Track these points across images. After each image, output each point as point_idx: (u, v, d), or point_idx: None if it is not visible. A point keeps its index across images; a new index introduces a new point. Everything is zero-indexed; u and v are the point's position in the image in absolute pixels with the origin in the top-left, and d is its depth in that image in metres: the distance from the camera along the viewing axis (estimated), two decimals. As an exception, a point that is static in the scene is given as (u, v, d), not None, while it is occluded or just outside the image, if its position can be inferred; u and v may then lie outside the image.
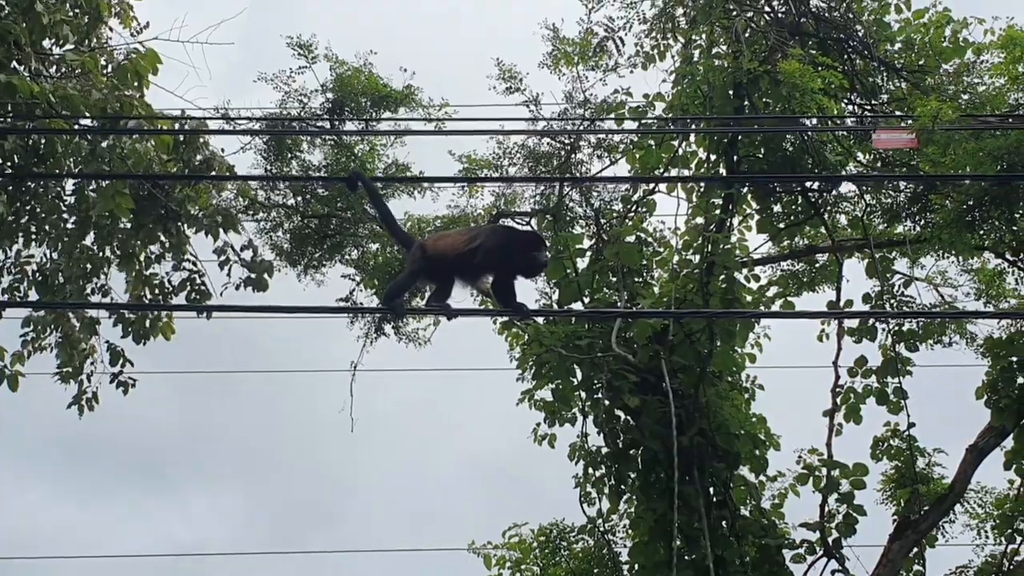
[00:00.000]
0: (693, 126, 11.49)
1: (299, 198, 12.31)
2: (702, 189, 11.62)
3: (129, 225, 9.05)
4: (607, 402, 11.31)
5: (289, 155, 12.06)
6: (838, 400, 11.46)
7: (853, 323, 11.59)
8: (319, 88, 11.95)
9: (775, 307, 12.30)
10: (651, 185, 11.81)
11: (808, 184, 11.69)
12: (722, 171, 11.62)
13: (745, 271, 11.36)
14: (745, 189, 11.73)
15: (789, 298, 12.58)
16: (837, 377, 11.49)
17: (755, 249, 12.17)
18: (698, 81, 11.08)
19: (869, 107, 11.37)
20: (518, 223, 13.03)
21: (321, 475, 21.61)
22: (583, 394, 11.51)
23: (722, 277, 10.90)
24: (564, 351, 11.13)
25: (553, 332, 11.28)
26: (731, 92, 11.12)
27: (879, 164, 11.32)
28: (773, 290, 12.68)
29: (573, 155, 12.36)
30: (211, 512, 22.71)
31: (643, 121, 11.73)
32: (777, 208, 11.99)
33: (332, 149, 12.21)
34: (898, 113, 10.07)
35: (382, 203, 7.48)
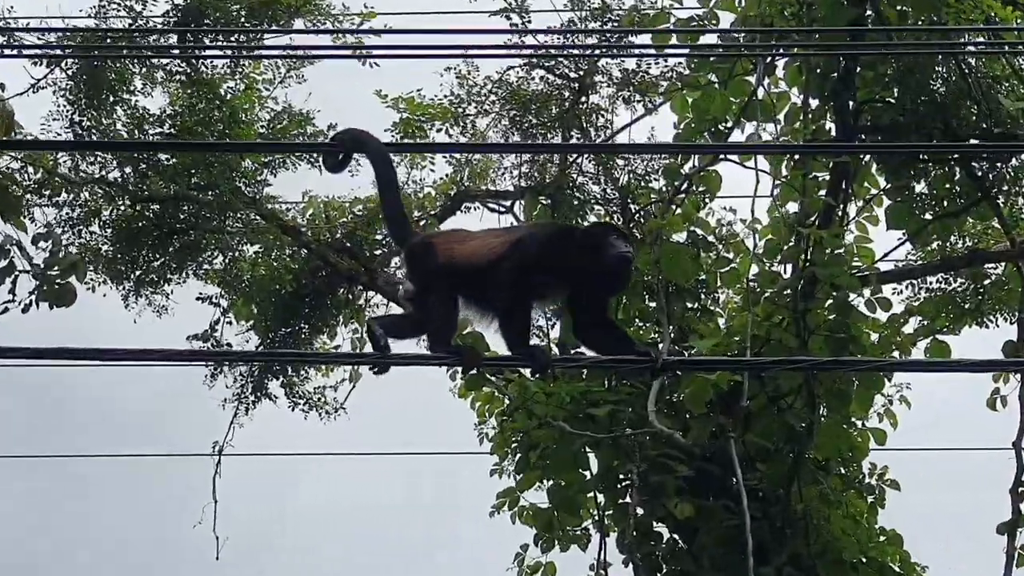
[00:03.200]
0: (782, 50, 11.44)
1: (128, 169, 12.30)
2: (796, 155, 11.64)
3: None
4: (640, 510, 11.35)
5: (111, 97, 12.08)
6: (1022, 507, 11.49)
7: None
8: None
9: (918, 352, 12.25)
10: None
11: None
12: (830, 127, 11.65)
13: (868, 291, 11.30)
14: (868, 156, 11.74)
15: (940, 336, 12.43)
16: (1021, 468, 11.48)
17: (884, 255, 12.25)
18: (790, -24, 11.04)
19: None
20: (495, 209, 13.17)
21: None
22: (600, 497, 11.62)
23: (829, 302, 10.93)
24: (569, 426, 11.16)
25: (551, 394, 11.28)
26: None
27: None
28: (914, 322, 12.67)
29: (584, 97, 12.43)
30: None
31: (699, 42, 11.78)
32: (921, 187, 11.97)
33: (183, 87, 12.25)
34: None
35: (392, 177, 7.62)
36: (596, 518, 11.67)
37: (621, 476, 11.48)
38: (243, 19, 11.88)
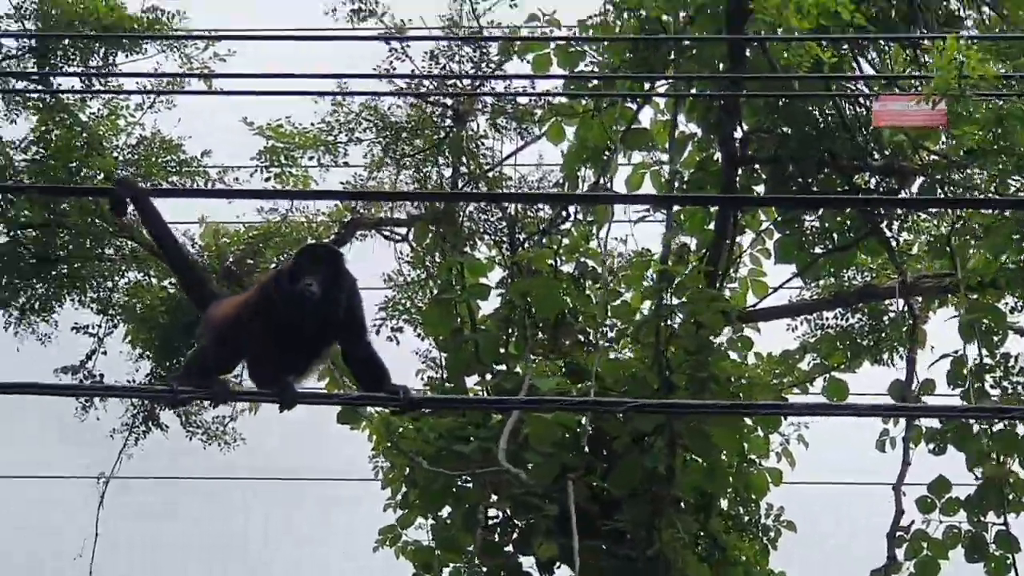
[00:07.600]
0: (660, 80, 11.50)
1: (5, 198, 12.39)
2: (684, 187, 11.62)
3: None
4: (510, 549, 11.39)
5: (-32, 123, 12.21)
6: (899, 551, 11.36)
7: (934, 420, 11.45)
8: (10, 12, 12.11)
9: (815, 390, 12.24)
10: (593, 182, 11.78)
11: (864, 183, 11.66)
12: (718, 156, 11.67)
13: (747, 328, 11.34)
14: (760, 188, 11.78)
15: (837, 373, 12.50)
16: (899, 512, 11.43)
17: (775, 289, 12.22)
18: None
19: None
20: (389, 237, 13.14)
21: None
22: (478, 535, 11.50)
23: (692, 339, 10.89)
24: (436, 462, 11.13)
25: (420, 429, 11.28)
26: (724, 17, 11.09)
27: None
28: (809, 360, 12.64)
29: (462, 125, 12.45)
30: None
31: (578, 70, 11.65)
32: (811, 220, 11.96)
33: (43, 112, 12.29)
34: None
35: (166, 232, 7.49)
36: (471, 557, 11.54)
37: (492, 514, 11.45)
38: (98, 44, 11.88)
